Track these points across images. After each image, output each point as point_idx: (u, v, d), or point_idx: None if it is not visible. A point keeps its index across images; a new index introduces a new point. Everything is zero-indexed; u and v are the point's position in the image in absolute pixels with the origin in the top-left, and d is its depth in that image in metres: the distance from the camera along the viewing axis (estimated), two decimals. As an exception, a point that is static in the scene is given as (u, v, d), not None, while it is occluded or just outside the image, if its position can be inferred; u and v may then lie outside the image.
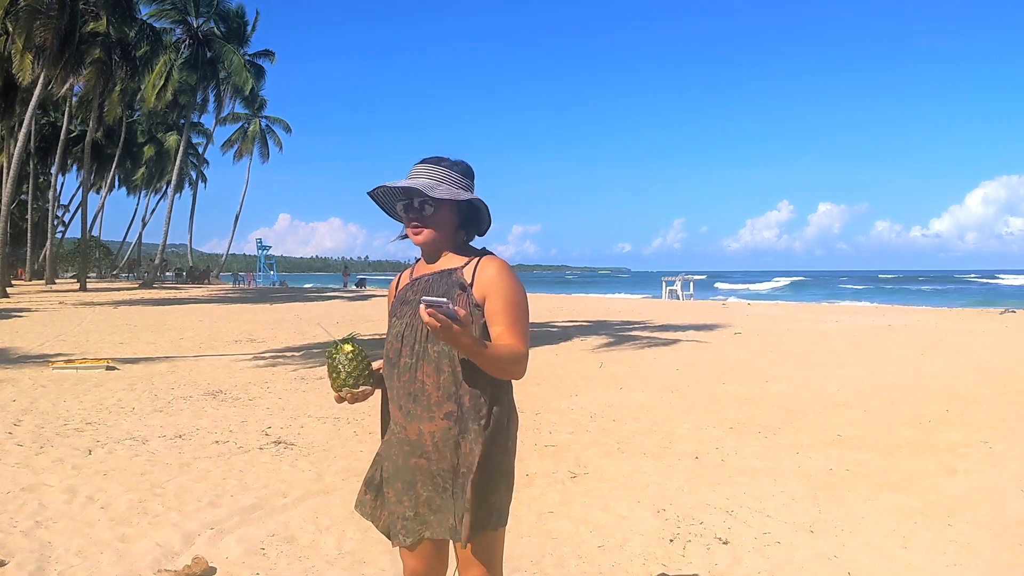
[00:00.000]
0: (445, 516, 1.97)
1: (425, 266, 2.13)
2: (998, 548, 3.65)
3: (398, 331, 2.05)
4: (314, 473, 4.88)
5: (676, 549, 3.66)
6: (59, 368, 9.36)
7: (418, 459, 1.99)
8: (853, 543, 3.70)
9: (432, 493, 1.98)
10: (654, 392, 8.12)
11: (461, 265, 2.06)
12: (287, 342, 13.48)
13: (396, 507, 2.03)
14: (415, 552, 2.05)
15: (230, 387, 8.37)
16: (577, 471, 4.99)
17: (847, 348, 12.46)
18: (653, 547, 3.67)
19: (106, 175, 50.75)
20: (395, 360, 2.03)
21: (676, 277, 40.30)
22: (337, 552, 3.57)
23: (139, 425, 6.32)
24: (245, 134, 56.26)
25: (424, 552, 2.06)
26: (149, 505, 4.19)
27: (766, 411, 7.03)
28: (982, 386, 8.28)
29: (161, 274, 47.84)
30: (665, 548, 3.67)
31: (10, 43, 26.53)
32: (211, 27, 39.88)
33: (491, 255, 2.09)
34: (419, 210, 2.05)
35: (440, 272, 2.07)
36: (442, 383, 1.96)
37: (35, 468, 4.93)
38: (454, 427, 1.95)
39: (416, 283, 2.10)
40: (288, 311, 22.23)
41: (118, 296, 28.40)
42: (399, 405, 2.02)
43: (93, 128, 35.28)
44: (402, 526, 2.02)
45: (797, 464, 5.16)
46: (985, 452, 5.46)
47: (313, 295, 34.40)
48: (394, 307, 2.13)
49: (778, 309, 25.71)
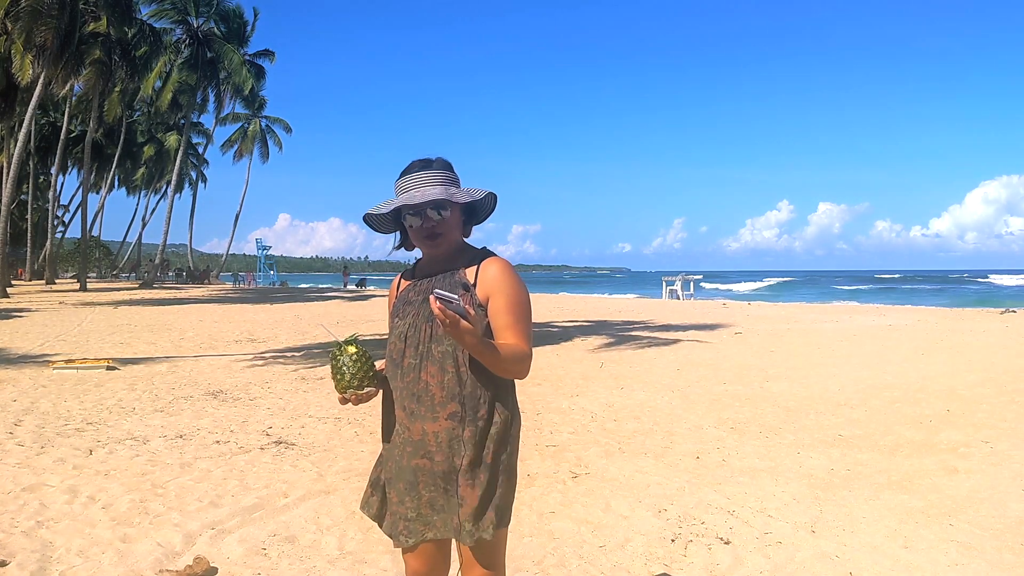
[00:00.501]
0: (448, 516, 1.97)
1: (427, 266, 2.12)
2: (1000, 548, 3.64)
3: (401, 331, 2.04)
4: (315, 473, 4.88)
5: (678, 549, 3.66)
6: (60, 368, 9.36)
7: (420, 459, 1.98)
8: (854, 543, 3.70)
9: (435, 494, 1.98)
10: (655, 392, 8.12)
11: (464, 265, 2.05)
12: (287, 342, 13.48)
13: (398, 508, 2.03)
14: (417, 553, 2.05)
15: (231, 387, 8.37)
16: (578, 471, 4.99)
17: (848, 348, 12.45)
18: (655, 547, 3.67)
19: (106, 175, 50.78)
20: (398, 360, 2.02)
21: (676, 277, 40.30)
22: (339, 552, 3.57)
23: (140, 425, 6.32)
24: (245, 134, 56.25)
25: (426, 553, 2.05)
26: (150, 505, 4.19)
27: (767, 411, 7.03)
28: (983, 386, 8.27)
29: (161, 274, 47.84)
30: (667, 548, 3.67)
31: (10, 43, 26.53)
32: (211, 27, 39.91)
33: (493, 255, 2.08)
34: (436, 219, 2.01)
35: (443, 272, 2.06)
36: (446, 383, 1.95)
37: (36, 468, 4.93)
38: (458, 427, 1.95)
39: (418, 284, 2.10)
40: (288, 311, 22.24)
41: (118, 296, 28.40)
42: (403, 406, 2.01)
43: (93, 128, 35.29)
44: (404, 527, 2.01)
45: (798, 464, 5.16)
46: (986, 452, 5.45)
47: (313, 295, 34.40)
48: (396, 307, 2.12)
49: (779, 309, 25.70)
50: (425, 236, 2.03)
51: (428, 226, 2.02)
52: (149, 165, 55.55)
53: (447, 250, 2.07)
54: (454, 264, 2.06)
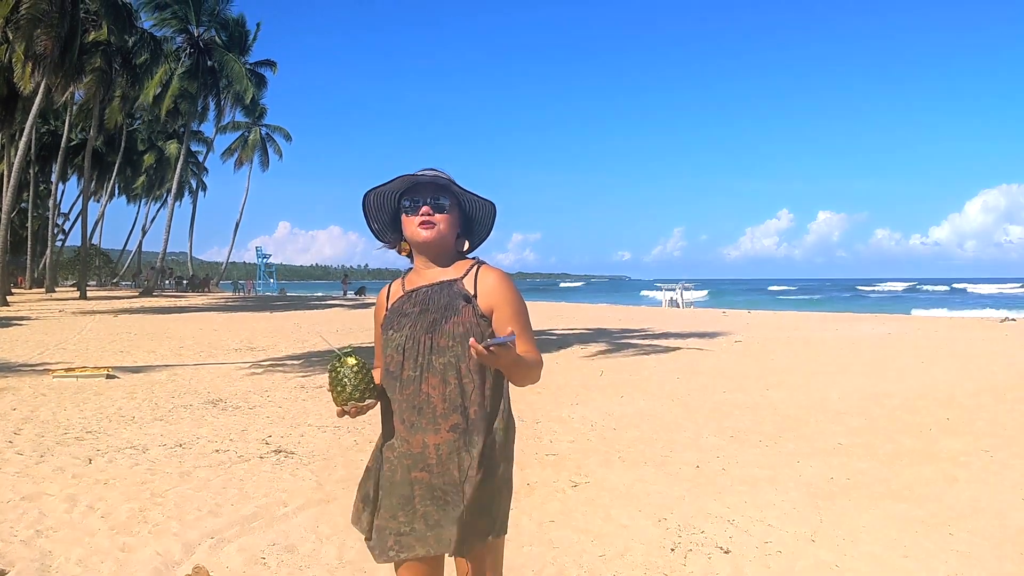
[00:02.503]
0: (442, 532, 1.93)
1: (419, 277, 2.08)
2: (1000, 557, 3.64)
3: (398, 344, 2.00)
4: (315, 482, 4.87)
5: (677, 558, 3.65)
6: (59, 377, 9.36)
7: (419, 472, 1.96)
8: (855, 552, 3.69)
9: (430, 508, 1.95)
10: (655, 400, 8.11)
11: (460, 276, 2.03)
12: (287, 350, 13.47)
13: (389, 522, 1.99)
14: (409, 567, 2.00)
15: (230, 396, 8.36)
16: (578, 480, 4.98)
17: (847, 356, 12.46)
18: (654, 556, 3.67)
19: (106, 183, 50.86)
20: (397, 373, 2.00)
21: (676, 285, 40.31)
22: (338, 562, 3.56)
23: (139, 434, 6.31)
24: (245, 142, 56.35)
25: (418, 569, 2.01)
26: (149, 514, 4.19)
27: (767, 419, 7.02)
28: (983, 394, 8.27)
29: (161, 282, 47.83)
30: (666, 557, 3.66)
31: (11, 51, 26.62)
32: (212, 36, 40.01)
33: (486, 264, 2.07)
34: (436, 201, 2.02)
35: (439, 283, 2.03)
36: (448, 395, 1.94)
37: (35, 477, 4.92)
38: (460, 439, 1.94)
39: (413, 295, 2.05)
40: (288, 319, 22.23)
41: (118, 304, 28.39)
42: (402, 418, 1.99)
43: (93, 136, 35.39)
44: (394, 541, 1.97)
45: (798, 473, 5.16)
46: (986, 461, 5.45)
47: (313, 303, 34.40)
48: (389, 319, 2.07)
49: (778, 318, 25.72)
50: (421, 223, 2.02)
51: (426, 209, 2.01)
52: (149, 173, 55.61)
53: (439, 248, 2.04)
54: (448, 274, 2.05)
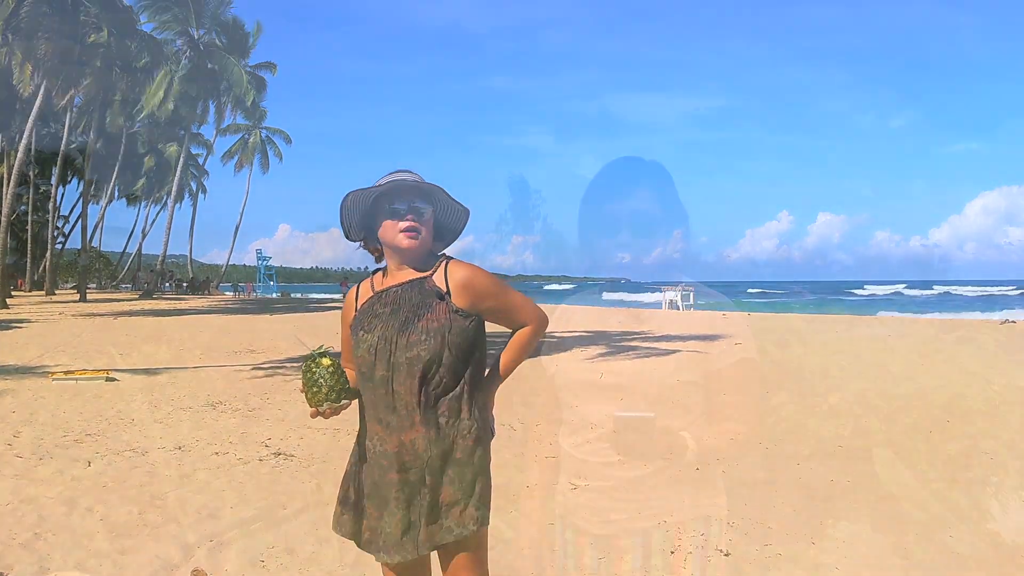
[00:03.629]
0: (421, 531, 1.94)
1: (390, 278, 2.07)
2: (1000, 560, 3.63)
3: (370, 344, 1.99)
4: (314, 485, 4.87)
5: (677, 561, 3.64)
6: (59, 379, 9.35)
7: (395, 473, 1.96)
8: (854, 555, 3.69)
9: (408, 509, 1.95)
10: (654, 402, 8.09)
11: (429, 273, 2.03)
12: (287, 353, 13.46)
13: (377, 523, 2.00)
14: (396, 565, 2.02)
15: (230, 398, 8.36)
16: (578, 482, 4.97)
17: (847, 358, 12.45)
18: (654, 559, 3.66)
19: (106, 186, 50.83)
20: (369, 374, 1.99)
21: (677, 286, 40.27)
22: (338, 564, 3.56)
23: (139, 436, 6.30)
24: (245, 145, 56.35)
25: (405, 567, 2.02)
26: (148, 517, 4.18)
27: (768, 422, 7.01)
28: (983, 397, 8.27)
29: (161, 285, 47.83)
30: (666, 560, 3.64)
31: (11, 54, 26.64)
32: (212, 38, 40.07)
33: (454, 259, 2.07)
34: (419, 207, 1.99)
35: (410, 282, 2.02)
36: (421, 392, 1.94)
37: (34, 479, 4.92)
38: (432, 431, 1.94)
39: (384, 295, 2.04)
40: (288, 322, 22.22)
41: (118, 307, 28.38)
42: (378, 419, 1.99)
43: (93, 139, 35.39)
44: (384, 541, 1.98)
45: (798, 475, 5.15)
46: (986, 463, 5.45)
47: (313, 305, 34.38)
48: (359, 320, 2.05)
49: (779, 320, 25.71)
50: (405, 228, 1.98)
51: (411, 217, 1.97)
52: (149, 176, 55.59)
53: (420, 252, 2.03)
54: (417, 273, 2.03)
